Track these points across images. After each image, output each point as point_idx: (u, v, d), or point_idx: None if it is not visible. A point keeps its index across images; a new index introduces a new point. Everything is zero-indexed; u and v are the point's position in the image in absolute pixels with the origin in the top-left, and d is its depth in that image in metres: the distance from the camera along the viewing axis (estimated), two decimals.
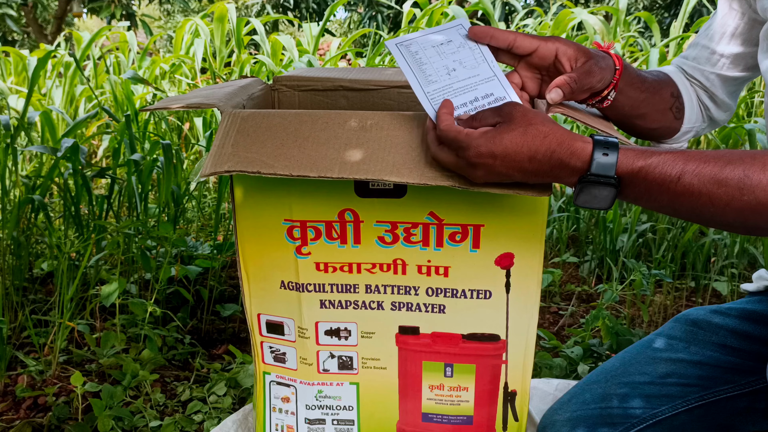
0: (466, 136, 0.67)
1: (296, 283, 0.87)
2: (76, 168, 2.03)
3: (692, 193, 0.64)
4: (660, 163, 0.65)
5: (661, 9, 9.12)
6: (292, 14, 9.80)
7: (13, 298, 1.78)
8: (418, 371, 0.91)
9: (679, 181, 0.65)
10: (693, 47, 0.99)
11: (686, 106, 0.97)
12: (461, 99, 0.73)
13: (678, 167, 0.65)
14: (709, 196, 0.64)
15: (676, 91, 0.96)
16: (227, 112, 0.76)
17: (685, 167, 0.65)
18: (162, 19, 15.18)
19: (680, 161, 0.65)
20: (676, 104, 0.96)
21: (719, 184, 0.64)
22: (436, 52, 0.76)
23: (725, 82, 0.97)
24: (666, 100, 0.95)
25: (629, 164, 0.66)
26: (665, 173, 0.65)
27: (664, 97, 0.94)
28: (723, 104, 0.99)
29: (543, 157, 0.66)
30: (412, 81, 0.74)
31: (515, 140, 0.66)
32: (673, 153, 0.66)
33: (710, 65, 0.96)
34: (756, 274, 1.01)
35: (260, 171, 0.70)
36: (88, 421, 1.37)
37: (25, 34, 9.24)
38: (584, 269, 2.37)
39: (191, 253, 2.03)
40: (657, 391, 0.94)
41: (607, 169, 0.66)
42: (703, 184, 0.64)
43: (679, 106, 0.96)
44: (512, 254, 0.83)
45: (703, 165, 0.64)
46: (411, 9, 3.81)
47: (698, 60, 0.97)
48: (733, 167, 0.64)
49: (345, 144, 0.71)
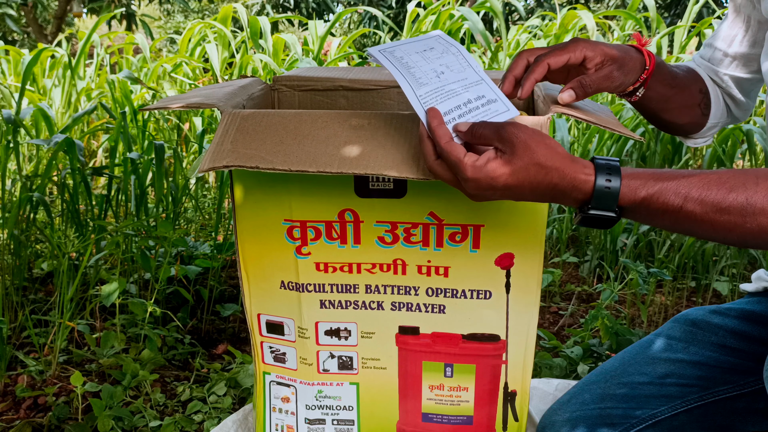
0: (467, 166, 0.66)
1: (296, 283, 0.87)
2: (75, 166, 2.03)
3: (695, 221, 0.65)
4: (663, 191, 0.65)
5: (662, 9, 9.13)
6: (292, 14, 9.81)
7: (13, 298, 1.78)
8: (418, 371, 0.91)
9: (681, 209, 0.65)
10: (707, 47, 1.00)
11: (712, 100, 0.98)
12: (454, 101, 0.72)
13: (681, 196, 0.65)
14: (711, 223, 0.65)
15: (704, 88, 0.98)
16: (227, 112, 0.76)
17: (689, 195, 0.65)
18: (162, 19, 15.18)
19: (683, 188, 0.65)
20: (705, 100, 0.98)
21: (722, 212, 0.64)
22: (421, 57, 0.76)
23: (739, 83, 0.98)
24: (694, 96, 0.97)
25: (632, 196, 0.66)
26: (668, 202, 0.65)
27: (692, 93, 0.96)
28: (741, 103, 1.00)
29: (545, 189, 0.67)
30: (403, 83, 0.72)
31: (517, 176, 0.66)
32: (676, 179, 0.66)
33: (723, 66, 0.98)
34: (755, 275, 1.01)
35: (259, 166, 0.69)
36: (88, 421, 1.37)
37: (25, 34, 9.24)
38: (584, 269, 2.37)
39: (191, 252, 2.03)
40: (656, 392, 0.94)
41: (609, 203, 0.66)
42: (705, 212, 0.64)
43: (707, 102, 0.98)
44: (512, 254, 0.83)
45: (706, 192, 0.64)
46: (415, 9, 3.80)
47: (712, 61, 0.99)
48: (736, 194, 0.64)
49: (344, 141, 0.71)
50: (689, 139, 1.04)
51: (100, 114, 3.28)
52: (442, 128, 0.68)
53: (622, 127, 0.74)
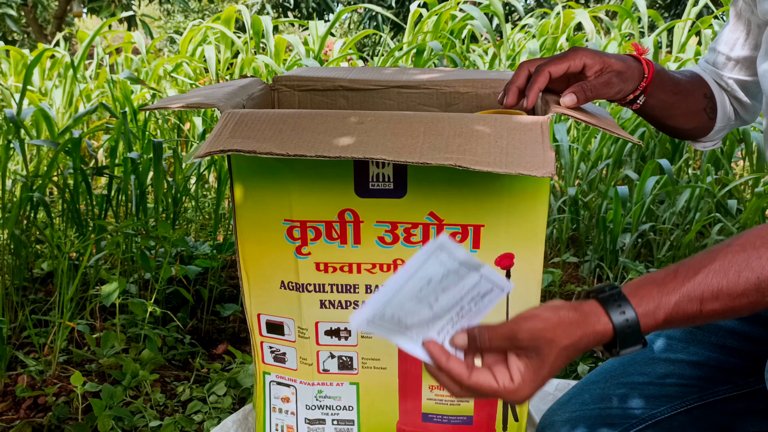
0: (509, 392, 0.65)
1: (296, 283, 0.87)
2: (77, 165, 2.03)
3: (719, 315, 0.66)
4: (679, 305, 0.66)
5: (661, 9, 9.13)
6: (292, 14, 9.81)
7: (13, 298, 1.78)
8: (418, 371, 0.91)
9: (702, 312, 0.66)
10: (711, 52, 1.01)
11: (719, 104, 0.99)
12: (443, 320, 0.67)
13: (696, 300, 0.66)
14: (734, 309, 0.66)
15: (709, 92, 0.98)
16: (226, 111, 0.76)
17: (703, 297, 0.66)
18: (162, 19, 15.18)
19: (695, 292, 0.66)
20: (710, 104, 0.98)
21: (740, 297, 0.65)
22: (416, 301, 0.64)
23: (744, 86, 0.98)
24: (699, 101, 0.97)
25: (653, 323, 0.67)
26: (687, 312, 0.66)
27: (697, 99, 0.97)
28: (747, 106, 1.01)
29: (572, 355, 0.67)
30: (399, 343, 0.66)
31: (554, 366, 0.66)
32: (683, 283, 0.66)
33: (727, 70, 0.98)
34: None
35: (256, 150, 0.69)
36: (88, 421, 1.37)
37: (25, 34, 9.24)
38: (584, 269, 2.37)
39: (191, 252, 2.03)
40: (656, 392, 0.94)
41: (635, 338, 0.66)
42: (725, 304, 0.66)
43: (712, 106, 0.99)
44: (512, 254, 0.83)
45: (717, 286, 0.65)
46: (417, 9, 3.80)
47: (716, 65, 0.99)
48: (746, 275, 0.65)
49: (343, 133, 0.71)
50: (698, 143, 1.05)
51: (100, 114, 3.28)
52: (453, 363, 0.66)
53: (620, 130, 0.75)
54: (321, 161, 0.79)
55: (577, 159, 2.66)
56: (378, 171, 0.80)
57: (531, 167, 0.66)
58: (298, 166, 0.80)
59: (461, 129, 0.72)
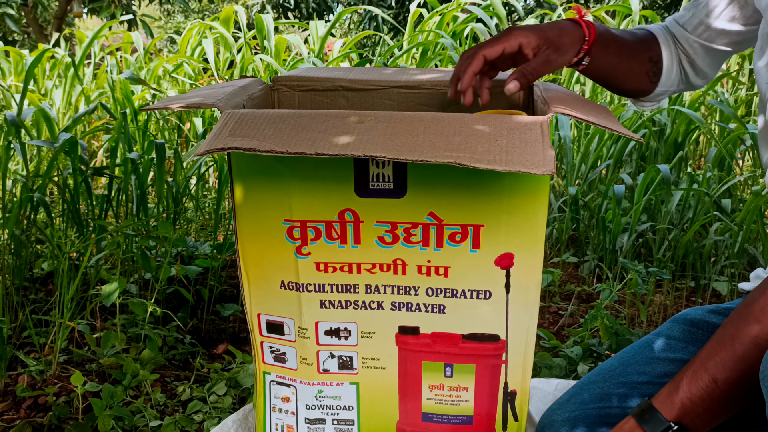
0: None
1: (296, 283, 0.87)
2: (76, 166, 2.03)
3: (736, 379, 0.73)
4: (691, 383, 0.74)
5: (661, 9, 9.13)
6: (292, 14, 9.81)
7: (13, 297, 1.78)
8: (418, 371, 0.91)
9: (717, 386, 0.73)
10: (686, 10, 1.03)
11: (664, 70, 1.02)
12: None
13: (709, 379, 0.74)
14: (749, 362, 0.72)
15: (656, 56, 1.01)
16: (226, 111, 0.76)
17: (715, 377, 0.74)
18: (162, 19, 15.18)
19: (706, 373, 0.74)
20: (653, 69, 1.01)
21: (743, 360, 0.72)
22: None
23: (707, 53, 1.01)
24: (643, 65, 1.00)
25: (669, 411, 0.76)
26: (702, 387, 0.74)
27: (641, 61, 1.00)
28: (701, 72, 1.03)
29: None
30: None
31: None
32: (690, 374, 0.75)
33: (696, 34, 1.00)
34: (753, 274, 1.01)
35: (255, 148, 0.69)
36: (89, 420, 1.38)
37: (25, 34, 9.24)
38: (584, 269, 2.37)
39: (191, 252, 2.03)
40: (655, 391, 0.94)
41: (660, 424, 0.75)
42: (735, 368, 0.73)
43: (656, 71, 1.02)
44: (512, 254, 0.83)
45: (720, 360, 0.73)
46: (417, 9, 3.79)
47: (687, 25, 1.01)
48: (740, 339, 0.72)
49: (343, 131, 0.71)
50: (637, 103, 1.08)
51: (100, 114, 3.28)
52: None
53: (622, 128, 0.74)
54: (321, 161, 0.79)
55: (578, 159, 2.66)
56: (378, 171, 0.80)
57: (531, 165, 0.66)
58: (298, 166, 0.81)
59: (461, 128, 0.72)
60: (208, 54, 3.49)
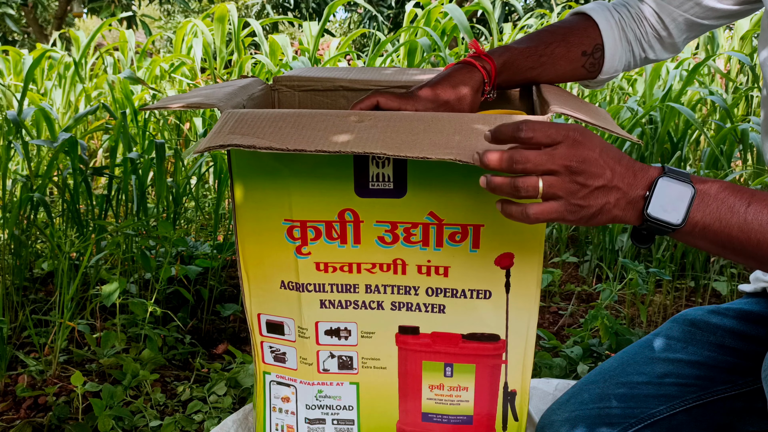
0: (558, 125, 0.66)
1: (296, 283, 0.87)
2: (76, 166, 2.03)
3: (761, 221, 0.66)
4: (728, 187, 0.68)
5: None
6: (292, 14, 9.81)
7: (14, 297, 1.78)
8: (418, 371, 0.91)
9: (749, 207, 0.67)
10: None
11: (607, 58, 0.97)
12: None
13: (746, 195, 0.67)
14: None
15: (591, 47, 0.97)
16: (226, 111, 0.77)
17: (753, 197, 0.67)
18: (162, 19, 15.18)
19: (746, 191, 0.68)
20: (590, 61, 0.97)
21: None
22: None
23: (689, 26, 0.98)
24: (574, 61, 0.96)
25: (700, 180, 0.68)
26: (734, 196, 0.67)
27: (570, 60, 0.96)
28: (671, 46, 1.00)
29: (627, 163, 0.67)
30: None
31: (602, 139, 0.67)
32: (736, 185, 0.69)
33: (683, 10, 0.97)
34: (753, 275, 1.02)
35: (255, 145, 0.69)
36: (89, 420, 1.38)
37: (25, 34, 9.24)
38: (584, 269, 2.37)
39: (191, 252, 2.03)
40: (655, 391, 0.94)
41: (682, 174, 0.67)
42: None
43: (593, 62, 0.97)
44: (512, 254, 0.83)
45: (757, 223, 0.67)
46: (413, 9, 3.80)
47: (672, 1, 0.97)
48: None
49: (343, 130, 0.71)
50: (582, 83, 1.04)
51: (99, 114, 3.28)
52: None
53: (619, 129, 0.75)
54: (321, 161, 0.79)
55: None
56: (378, 171, 0.80)
57: None
58: (297, 166, 0.81)
59: (461, 127, 0.72)
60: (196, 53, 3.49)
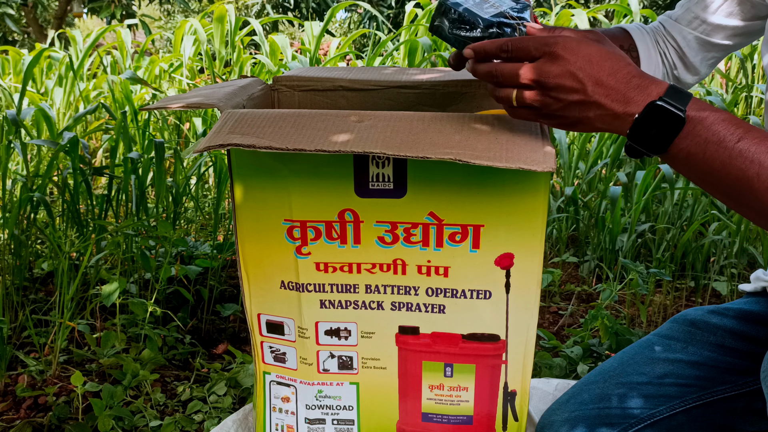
0: (548, 35, 0.66)
1: (296, 283, 0.87)
2: (76, 166, 2.03)
3: (745, 158, 0.64)
4: (725, 119, 0.65)
5: (661, 9, 9.14)
6: (292, 14, 9.81)
7: (14, 297, 1.78)
8: (418, 371, 0.91)
9: (738, 142, 0.64)
10: (680, 7, 1.02)
11: (641, 60, 0.99)
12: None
13: (740, 131, 0.64)
14: (759, 164, 0.63)
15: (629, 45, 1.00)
16: (226, 111, 0.77)
17: (747, 133, 0.64)
18: (162, 19, 15.18)
19: (743, 127, 0.65)
20: None
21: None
22: None
23: (701, 46, 0.99)
24: None
25: (698, 108, 0.65)
26: (727, 130, 0.64)
27: None
28: (692, 67, 1.01)
29: (623, 77, 0.65)
30: None
31: (601, 51, 0.65)
32: (737, 118, 0.66)
33: (692, 27, 0.99)
34: (753, 275, 1.01)
35: (255, 145, 0.69)
36: (89, 420, 1.38)
37: (25, 34, 9.24)
38: (584, 269, 2.37)
39: (191, 252, 2.03)
40: (655, 392, 0.94)
41: (681, 99, 0.65)
42: (759, 151, 0.63)
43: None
44: (512, 254, 0.83)
45: (765, 135, 0.64)
46: (413, 9, 3.81)
47: (680, 20, 1.00)
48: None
49: (343, 130, 0.72)
50: None
51: (99, 114, 3.28)
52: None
53: None
54: (321, 161, 0.79)
55: (576, 158, 2.66)
56: (378, 171, 0.80)
57: (531, 162, 0.66)
58: (297, 166, 0.81)
59: (461, 127, 0.72)
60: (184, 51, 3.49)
